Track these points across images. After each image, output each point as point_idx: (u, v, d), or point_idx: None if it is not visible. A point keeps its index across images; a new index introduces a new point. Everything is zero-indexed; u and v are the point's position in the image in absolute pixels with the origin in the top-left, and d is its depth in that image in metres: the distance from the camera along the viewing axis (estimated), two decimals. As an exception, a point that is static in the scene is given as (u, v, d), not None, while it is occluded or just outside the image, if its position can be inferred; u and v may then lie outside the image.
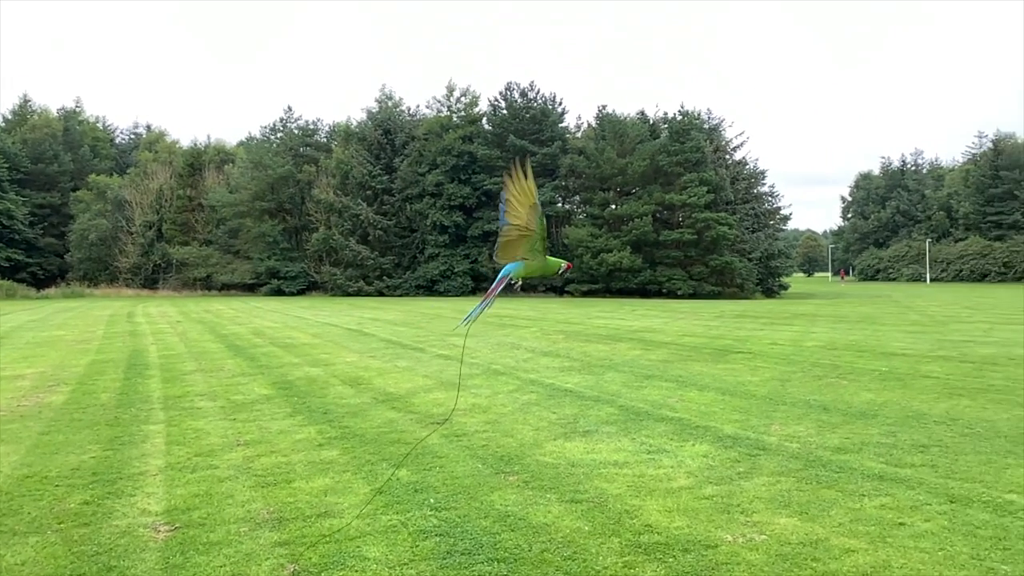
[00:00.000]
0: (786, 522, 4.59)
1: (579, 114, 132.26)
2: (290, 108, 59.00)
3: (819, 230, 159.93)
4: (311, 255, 52.79)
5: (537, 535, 4.44)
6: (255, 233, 53.03)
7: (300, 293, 51.68)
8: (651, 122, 49.28)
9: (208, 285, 54.45)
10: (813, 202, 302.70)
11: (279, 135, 57.68)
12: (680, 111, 47.58)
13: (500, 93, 51.83)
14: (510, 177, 3.31)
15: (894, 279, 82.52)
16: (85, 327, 22.06)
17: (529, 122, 49.70)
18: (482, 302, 3.78)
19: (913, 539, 4.28)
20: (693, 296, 43.01)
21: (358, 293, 49.11)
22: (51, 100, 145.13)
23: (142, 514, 4.88)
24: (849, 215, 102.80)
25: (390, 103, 56.12)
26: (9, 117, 68.09)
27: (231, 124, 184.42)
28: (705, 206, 43.46)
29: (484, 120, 52.29)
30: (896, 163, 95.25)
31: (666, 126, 47.57)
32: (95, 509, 4.99)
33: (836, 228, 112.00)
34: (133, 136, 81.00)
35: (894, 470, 5.66)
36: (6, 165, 58.38)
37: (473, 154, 49.28)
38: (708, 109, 66.59)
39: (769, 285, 48.04)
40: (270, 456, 6.33)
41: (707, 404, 8.49)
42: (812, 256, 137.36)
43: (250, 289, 53.21)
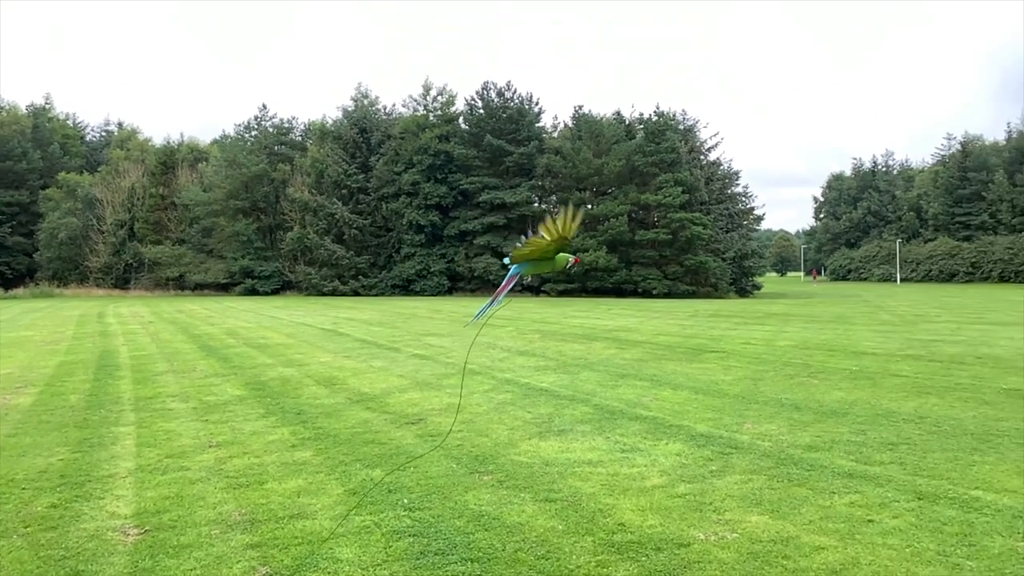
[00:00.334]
0: (757, 520, 4.63)
1: (556, 114, 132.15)
2: (265, 106, 58.54)
3: (792, 230, 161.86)
4: (285, 254, 52.33)
5: (511, 534, 4.45)
6: (229, 232, 52.49)
7: (274, 293, 51.23)
8: (627, 122, 49.55)
9: (181, 285, 53.75)
10: (786, 202, 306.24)
11: (254, 133, 57.11)
12: (656, 112, 47.91)
13: (477, 92, 51.72)
14: (561, 216, 3.27)
15: (865, 279, 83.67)
16: (54, 327, 21.71)
17: (506, 122, 49.65)
18: (491, 300, 3.74)
19: (881, 536, 4.34)
20: (668, 295, 43.30)
21: (333, 293, 48.80)
22: (20, 97, 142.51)
23: (111, 517, 4.82)
24: (821, 215, 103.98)
25: (366, 101, 55.83)
26: (-24, 114, 66.79)
27: (205, 122, 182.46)
28: (680, 206, 43.78)
29: (461, 119, 52.15)
30: (867, 164, 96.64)
31: (642, 127, 47.86)
32: (63, 512, 4.92)
33: (808, 228, 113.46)
34: (104, 134, 79.79)
35: (863, 468, 5.74)
36: (-27, 162, 57.27)
37: (450, 153, 49.17)
38: (683, 110, 67.07)
39: (743, 285, 48.53)
40: (242, 457, 6.28)
41: (681, 403, 8.55)
42: (785, 256, 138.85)
43: (224, 289, 52.64)
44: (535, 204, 50.54)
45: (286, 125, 58.61)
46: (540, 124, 51.81)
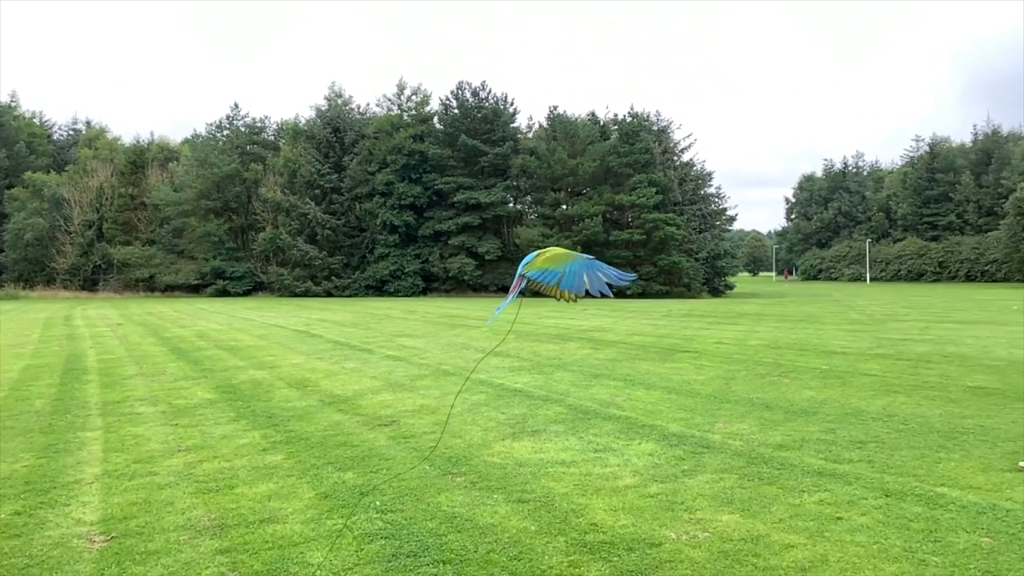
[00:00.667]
0: (728, 519, 4.67)
1: (531, 114, 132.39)
2: (237, 105, 57.94)
3: (764, 231, 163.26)
4: (258, 255, 51.82)
5: (483, 536, 4.44)
6: (200, 232, 51.86)
7: (246, 294, 50.70)
8: (601, 123, 49.76)
9: (151, 286, 52.97)
10: (759, 203, 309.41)
11: (225, 132, 56.52)
12: (630, 113, 48.20)
13: (452, 92, 51.61)
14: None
15: (836, 279, 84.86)
16: (19, 330, 21.31)
17: (480, 122, 49.61)
18: (503, 302, 3.74)
19: (849, 533, 4.40)
20: (642, 295, 43.53)
21: (306, 294, 48.41)
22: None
23: (77, 524, 4.73)
24: (793, 216, 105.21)
25: (339, 101, 55.44)
26: (-61, 112, 65.30)
27: (176, 121, 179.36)
28: (654, 207, 44.07)
29: (435, 119, 52.03)
30: (838, 165, 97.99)
31: (616, 127, 48.09)
32: (27, 520, 4.82)
33: (780, 229, 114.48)
34: (72, 132, 78.16)
35: (833, 466, 5.81)
36: (-65, 161, 56.02)
37: (424, 153, 49.02)
38: (657, 111, 67.29)
39: (715, 284, 49.00)
40: (212, 462, 6.20)
41: (653, 403, 8.60)
42: (757, 256, 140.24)
43: (195, 290, 51.99)
44: (510, 204, 50.57)
45: (258, 124, 58.07)
46: (515, 124, 51.86)
